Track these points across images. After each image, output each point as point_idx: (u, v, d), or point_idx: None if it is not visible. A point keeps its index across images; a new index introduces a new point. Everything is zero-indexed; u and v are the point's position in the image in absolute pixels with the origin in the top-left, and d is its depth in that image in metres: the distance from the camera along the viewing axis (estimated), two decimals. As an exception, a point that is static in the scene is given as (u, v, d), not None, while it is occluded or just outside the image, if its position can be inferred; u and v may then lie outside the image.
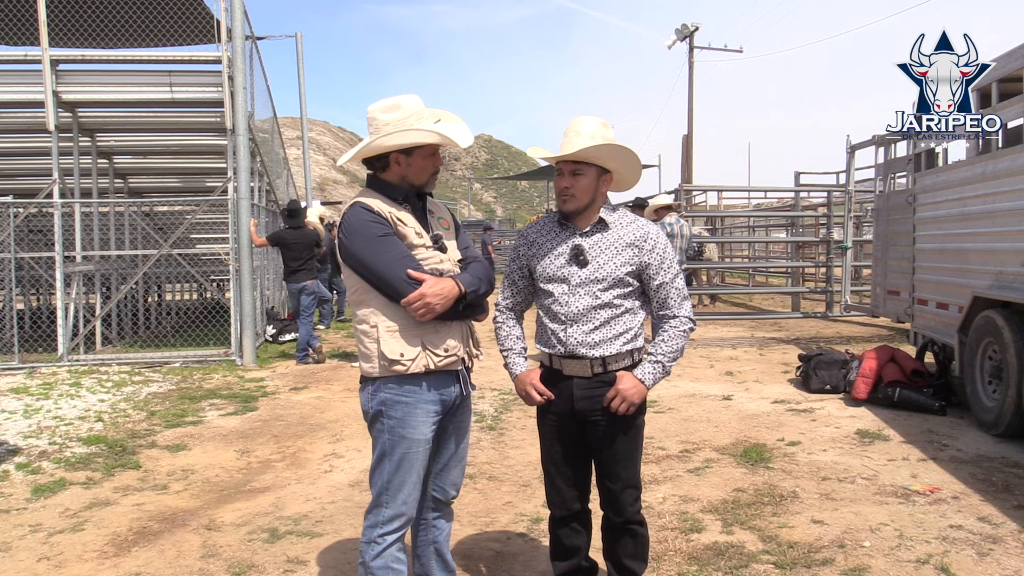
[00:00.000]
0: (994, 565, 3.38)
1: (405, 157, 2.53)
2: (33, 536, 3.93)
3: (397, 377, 2.49)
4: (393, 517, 2.52)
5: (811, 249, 17.71)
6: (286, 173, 15.47)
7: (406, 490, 2.52)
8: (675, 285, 2.71)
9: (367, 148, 2.52)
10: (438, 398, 2.56)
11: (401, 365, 2.48)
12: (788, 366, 8.33)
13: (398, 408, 2.51)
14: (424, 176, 2.58)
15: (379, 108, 2.52)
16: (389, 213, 2.50)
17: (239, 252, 9.04)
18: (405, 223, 2.53)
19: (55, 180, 9.22)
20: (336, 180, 60.31)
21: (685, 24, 28.96)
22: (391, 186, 2.58)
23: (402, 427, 2.51)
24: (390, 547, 2.53)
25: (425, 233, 2.58)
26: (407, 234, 2.52)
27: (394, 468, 2.52)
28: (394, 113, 2.50)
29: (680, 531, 3.81)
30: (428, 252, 2.55)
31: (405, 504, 2.53)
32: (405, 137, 2.48)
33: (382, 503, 2.53)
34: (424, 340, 2.50)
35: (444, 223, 2.70)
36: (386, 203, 2.54)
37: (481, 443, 5.53)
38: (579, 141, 2.60)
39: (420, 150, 2.53)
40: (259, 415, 6.58)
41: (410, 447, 2.51)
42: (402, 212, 2.55)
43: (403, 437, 2.51)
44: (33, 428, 6.06)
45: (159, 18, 9.41)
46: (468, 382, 2.68)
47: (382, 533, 2.52)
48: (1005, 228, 5.58)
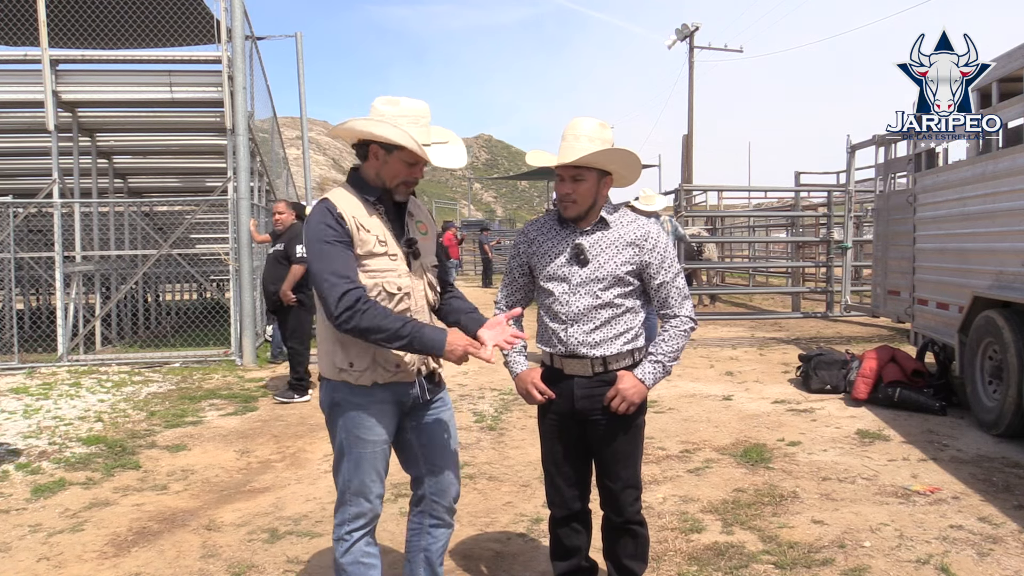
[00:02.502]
0: (994, 565, 3.38)
1: (384, 153, 2.46)
2: (33, 536, 3.93)
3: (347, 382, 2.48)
4: (357, 515, 2.54)
5: (811, 249, 17.70)
6: (286, 173, 15.45)
7: (368, 489, 2.53)
8: (676, 284, 2.70)
9: (346, 126, 2.47)
10: (392, 398, 2.53)
11: (348, 374, 2.47)
12: (788, 366, 8.33)
13: (350, 410, 2.50)
14: (395, 180, 2.48)
15: (382, 100, 2.49)
16: (352, 217, 2.42)
17: (239, 252, 9.04)
18: (368, 229, 2.44)
19: (55, 180, 9.22)
20: (336, 180, 60.29)
21: (685, 24, 28.93)
22: (367, 183, 2.52)
23: (356, 428, 2.50)
24: (358, 543, 2.54)
25: (392, 241, 2.49)
26: (367, 240, 2.43)
27: (353, 467, 2.52)
28: (391, 107, 2.45)
29: (680, 531, 3.81)
30: (390, 263, 2.47)
31: (368, 501, 2.54)
32: (380, 128, 2.39)
33: (346, 501, 2.55)
34: (376, 354, 2.47)
35: (422, 228, 2.64)
36: (357, 202, 2.47)
37: (481, 443, 5.53)
38: (578, 145, 2.58)
39: (401, 152, 2.43)
40: (259, 415, 6.58)
41: (365, 447, 2.51)
42: (371, 216, 2.47)
43: (358, 438, 2.51)
44: (33, 428, 6.06)
45: (159, 18, 9.42)
46: (427, 387, 2.61)
47: (349, 530, 2.54)
48: (1005, 228, 5.57)
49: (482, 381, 7.61)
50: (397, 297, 2.47)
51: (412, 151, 2.41)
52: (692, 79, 28.45)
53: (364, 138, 2.47)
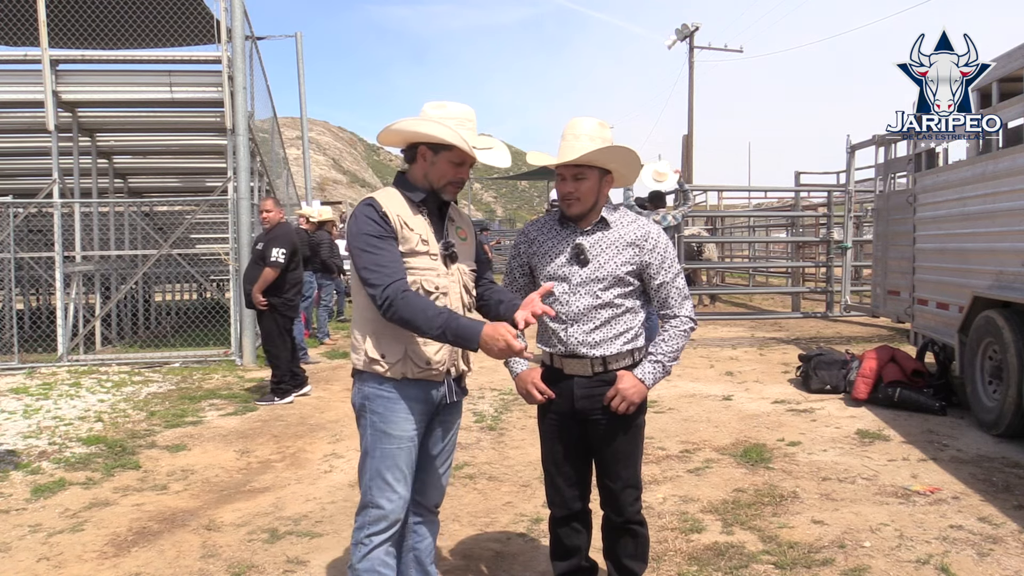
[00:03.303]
0: (994, 565, 3.38)
1: (432, 154, 2.51)
2: (33, 536, 3.93)
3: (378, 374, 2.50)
4: (378, 518, 2.50)
5: (811, 249, 17.69)
6: (286, 173, 15.43)
7: (390, 490, 2.49)
8: (676, 284, 2.70)
9: (394, 127, 2.52)
10: (422, 396, 2.53)
11: (380, 365, 2.49)
12: (788, 366, 8.33)
13: (379, 403, 2.50)
14: (443, 180, 2.54)
15: (431, 104, 2.55)
16: (396, 216, 2.47)
17: (239, 252, 9.04)
18: (412, 228, 2.49)
19: (55, 180, 9.22)
20: (336, 180, 60.24)
21: (685, 24, 28.95)
22: (412, 185, 2.56)
23: (383, 423, 2.50)
24: (377, 549, 2.50)
25: (434, 242, 2.54)
26: (410, 238, 2.48)
27: (376, 467, 2.50)
28: (439, 111, 2.51)
29: (680, 531, 3.81)
30: (430, 262, 2.51)
31: (390, 503, 2.50)
32: (430, 127, 2.46)
33: (367, 503, 2.52)
34: (408, 348, 2.49)
35: (462, 233, 2.68)
36: (402, 202, 2.53)
37: (481, 443, 5.53)
38: (579, 144, 2.59)
39: (448, 153, 2.49)
40: (259, 415, 6.58)
41: (391, 444, 2.49)
42: (415, 216, 2.52)
43: (384, 433, 2.49)
44: (33, 428, 6.06)
45: (159, 18, 9.42)
46: (454, 390, 2.64)
47: (368, 534, 2.50)
48: (1005, 228, 5.57)
49: (482, 381, 7.61)
50: (434, 296, 2.50)
51: (459, 151, 2.48)
52: (692, 79, 28.47)
53: (413, 140, 2.52)
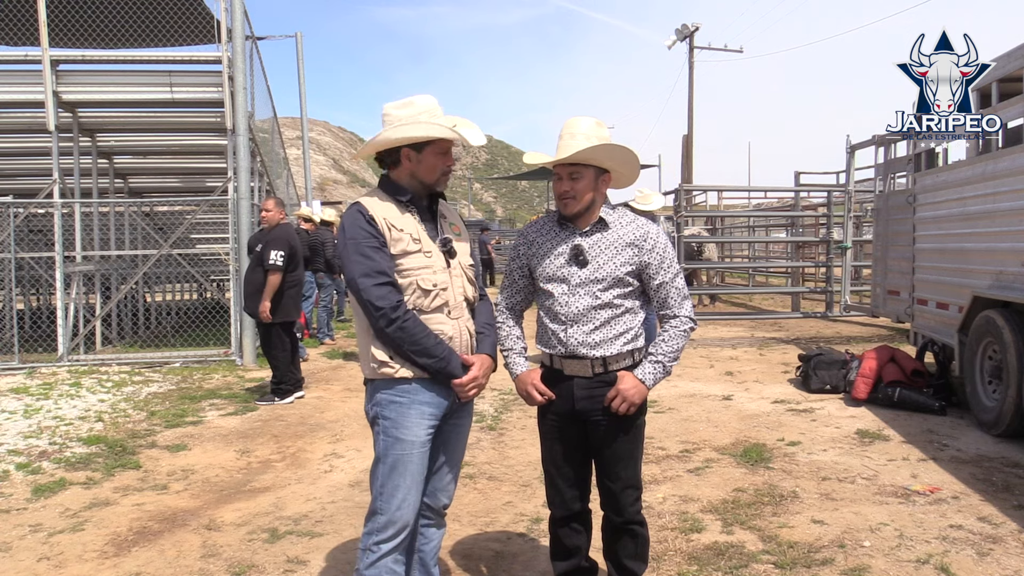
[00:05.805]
0: (994, 565, 3.38)
1: (416, 153, 2.52)
2: (33, 536, 3.93)
3: (390, 378, 2.49)
4: (387, 524, 2.48)
5: (811, 249, 17.69)
6: (286, 173, 15.44)
7: (400, 495, 2.48)
8: (675, 285, 2.71)
9: (377, 140, 2.52)
10: (434, 399, 2.53)
11: (389, 367, 2.48)
12: (788, 366, 8.33)
13: (391, 408, 2.50)
14: (434, 174, 2.56)
15: (393, 105, 2.54)
16: (383, 219, 2.47)
17: (239, 252, 9.04)
18: (401, 228, 2.49)
19: (55, 180, 9.22)
20: (336, 180, 60.26)
21: (685, 24, 28.87)
22: (399, 186, 2.56)
23: (395, 428, 2.49)
24: (385, 556, 2.48)
25: (427, 238, 2.54)
26: (400, 239, 2.48)
27: (388, 472, 2.49)
28: (407, 109, 2.51)
29: (680, 531, 3.81)
30: (425, 259, 2.51)
31: (400, 510, 2.48)
32: (415, 130, 2.47)
33: (377, 509, 2.50)
34: None
35: (455, 229, 2.69)
36: (389, 205, 2.52)
37: (481, 443, 5.53)
38: (574, 143, 2.59)
39: (431, 147, 2.51)
40: (259, 415, 6.58)
41: (404, 449, 2.48)
42: (404, 216, 2.52)
43: (397, 439, 2.48)
44: (33, 428, 6.06)
45: (159, 18, 9.42)
46: None
47: (377, 541, 2.48)
48: (1005, 228, 5.58)
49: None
50: (432, 294, 2.50)
51: (443, 140, 2.51)
52: (692, 79, 28.45)
53: (399, 144, 2.53)
